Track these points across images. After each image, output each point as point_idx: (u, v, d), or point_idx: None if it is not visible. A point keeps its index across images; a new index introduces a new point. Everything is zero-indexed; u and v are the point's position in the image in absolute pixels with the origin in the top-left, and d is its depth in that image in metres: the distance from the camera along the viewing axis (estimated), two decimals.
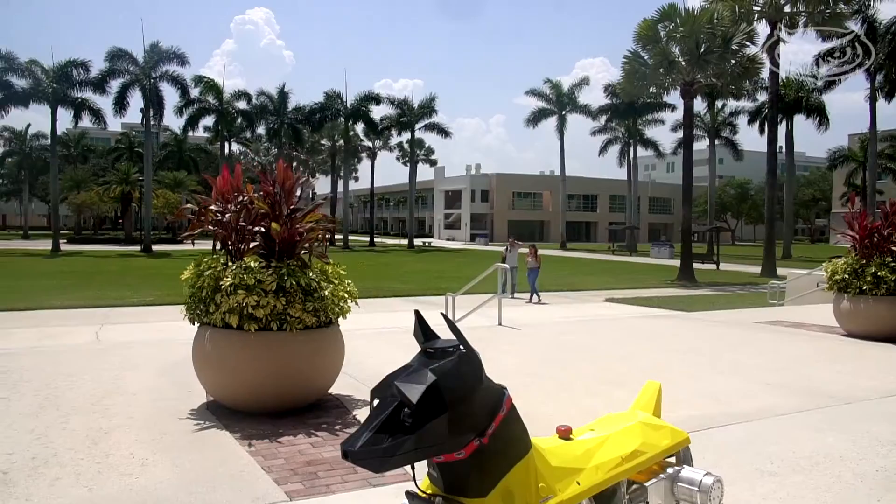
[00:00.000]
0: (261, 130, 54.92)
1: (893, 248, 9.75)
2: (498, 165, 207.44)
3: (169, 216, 53.40)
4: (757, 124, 48.65)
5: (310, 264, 5.78)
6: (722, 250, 39.20)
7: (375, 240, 62.48)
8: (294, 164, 60.72)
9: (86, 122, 42.51)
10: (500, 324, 11.58)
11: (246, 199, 5.57)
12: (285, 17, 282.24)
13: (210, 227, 5.81)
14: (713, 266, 34.97)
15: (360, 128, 55.25)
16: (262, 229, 5.64)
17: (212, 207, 5.67)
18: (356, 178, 78.77)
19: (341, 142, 55.14)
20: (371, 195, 65.12)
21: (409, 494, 2.28)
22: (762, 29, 28.90)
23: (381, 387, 2.09)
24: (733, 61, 26.36)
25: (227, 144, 50.96)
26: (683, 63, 26.31)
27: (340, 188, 56.20)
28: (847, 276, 10.00)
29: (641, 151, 59.14)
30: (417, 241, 60.82)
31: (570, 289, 22.20)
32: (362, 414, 5.67)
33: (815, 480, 4.30)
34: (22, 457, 4.45)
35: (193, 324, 5.86)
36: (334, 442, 4.89)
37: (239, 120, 48.84)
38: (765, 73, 30.25)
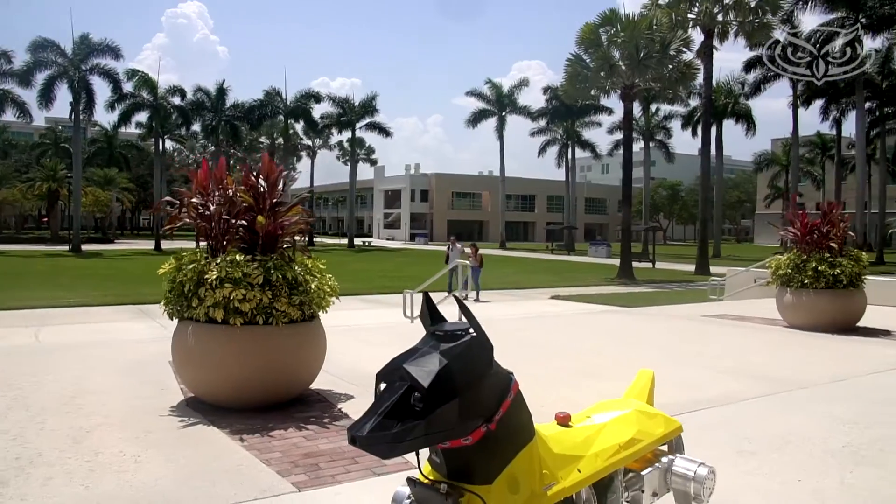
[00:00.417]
0: (196, 127, 53.51)
1: (832, 245, 10.36)
2: (436, 165, 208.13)
3: (99, 214, 51.29)
4: (689, 128, 50.59)
5: (294, 258, 5.75)
6: (656, 249, 40.52)
7: (315, 239, 61.70)
8: (231, 161, 59.35)
9: (8, 115, 40.47)
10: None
11: (231, 191, 5.48)
12: (219, 11, 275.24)
13: (188, 219, 5.70)
14: (649, 264, 36.09)
15: (299, 126, 54.57)
16: (245, 223, 5.58)
17: (193, 200, 5.56)
18: (295, 178, 77.57)
19: (280, 140, 54.24)
20: (311, 194, 64.30)
21: (411, 481, 2.22)
22: (697, 36, 30.10)
23: (388, 371, 2.03)
24: (671, 66, 27.28)
25: (160, 141, 49.30)
26: (624, 67, 27.05)
27: None
28: (790, 270, 10.56)
29: (578, 153, 60.49)
30: (357, 241, 60.44)
31: (516, 287, 22.54)
32: (347, 407, 5.68)
33: (790, 457, 4.59)
34: (3, 457, 4.28)
35: (172, 319, 5.73)
36: (328, 434, 4.89)
37: (174, 116, 47.34)
38: (699, 80, 31.43)
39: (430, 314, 2.22)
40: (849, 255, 10.44)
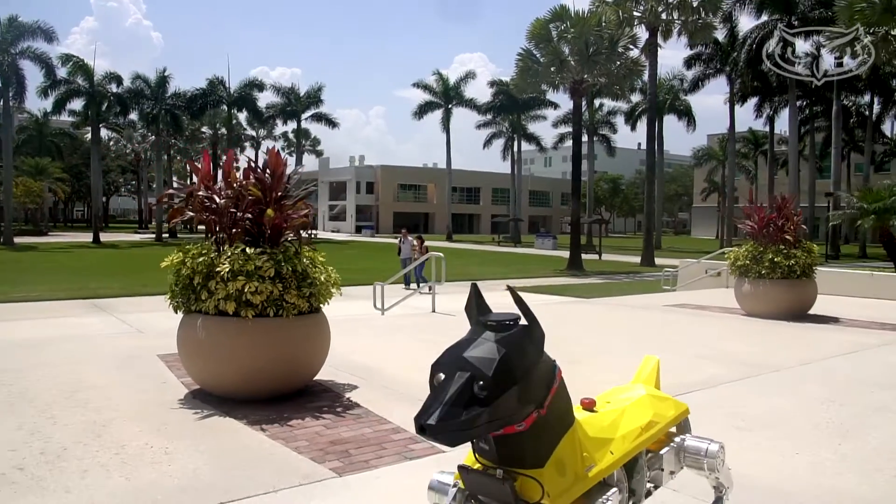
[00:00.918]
0: (134, 116, 51.83)
1: (786, 237, 10.98)
2: (378, 157, 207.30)
3: (31, 205, 49.10)
4: (631, 123, 51.99)
5: (300, 251, 5.82)
6: (601, 241, 41.58)
7: None
8: (171, 151, 57.72)
9: None
10: (433, 311, 11.91)
11: (238, 185, 5.51)
12: None
13: (193, 213, 5.70)
14: (596, 256, 37.04)
15: (243, 116, 53.51)
16: (250, 216, 5.61)
17: (199, 194, 5.56)
18: (238, 169, 76.13)
19: (223, 130, 53.05)
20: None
21: (463, 469, 2.29)
22: (643, 34, 31.00)
23: (446, 361, 2.11)
24: (619, 62, 28.06)
25: (97, 130, 47.49)
26: (573, 63, 27.66)
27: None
28: (748, 262, 11.15)
29: (523, 146, 61.32)
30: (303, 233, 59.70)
31: (468, 278, 22.80)
32: (354, 396, 5.79)
33: (783, 432, 4.97)
34: (29, 451, 4.24)
35: (177, 312, 5.72)
36: (346, 423, 5.01)
37: (111, 104, 45.66)
38: (644, 76, 32.38)
39: (477, 305, 2.29)
40: (802, 247, 11.10)
